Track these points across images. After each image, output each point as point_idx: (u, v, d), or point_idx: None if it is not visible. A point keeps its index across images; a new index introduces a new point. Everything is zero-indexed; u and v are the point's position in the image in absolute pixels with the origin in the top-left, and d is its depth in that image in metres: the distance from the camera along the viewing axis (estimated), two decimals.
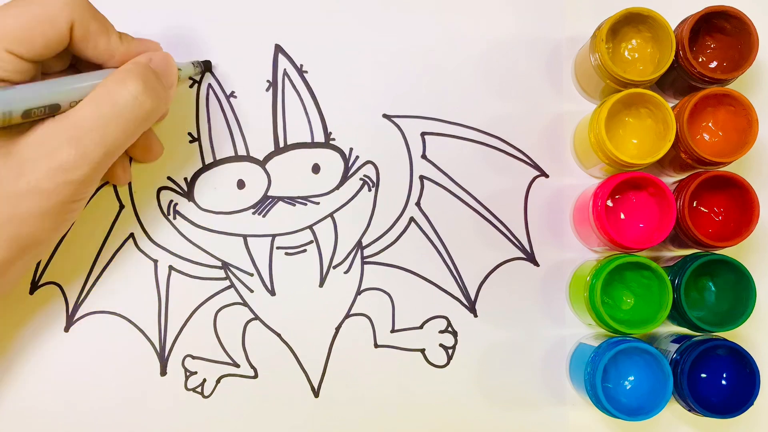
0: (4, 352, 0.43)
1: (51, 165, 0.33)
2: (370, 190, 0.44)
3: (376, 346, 0.43)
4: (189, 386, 0.43)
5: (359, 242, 0.43)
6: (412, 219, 0.44)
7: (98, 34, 0.35)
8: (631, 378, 0.39)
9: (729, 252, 0.40)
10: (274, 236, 0.43)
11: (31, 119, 0.33)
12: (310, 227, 0.43)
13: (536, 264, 0.43)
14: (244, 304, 0.43)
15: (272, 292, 0.43)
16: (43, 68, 0.36)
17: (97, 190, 0.44)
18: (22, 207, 0.33)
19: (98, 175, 0.35)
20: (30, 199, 0.33)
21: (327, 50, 0.44)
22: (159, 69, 0.37)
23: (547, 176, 0.44)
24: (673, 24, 0.39)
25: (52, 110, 0.34)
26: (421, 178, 0.44)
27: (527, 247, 0.44)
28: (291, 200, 0.43)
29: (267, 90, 0.44)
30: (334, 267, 0.43)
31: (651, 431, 0.43)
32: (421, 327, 0.43)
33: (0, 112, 0.32)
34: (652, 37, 0.40)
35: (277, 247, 0.43)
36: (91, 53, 0.36)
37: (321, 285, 0.43)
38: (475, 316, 0.43)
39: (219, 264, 0.43)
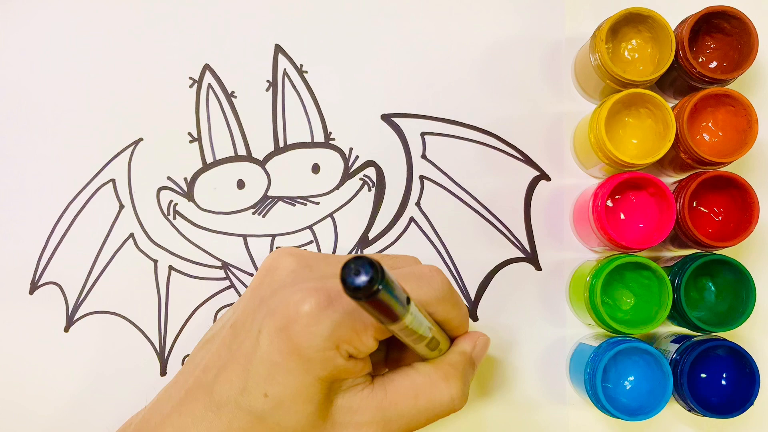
0: (4, 352, 0.43)
1: None
2: (370, 190, 0.44)
3: None
4: None
5: (359, 242, 0.43)
6: (412, 219, 0.44)
7: (447, 319, 0.34)
8: (631, 378, 0.39)
9: (729, 252, 0.40)
10: (274, 236, 0.43)
11: (424, 349, 0.32)
12: (310, 227, 0.43)
13: (536, 264, 0.43)
14: None
15: None
16: None
17: (96, 191, 0.44)
18: None
19: None
20: None
21: (327, 50, 0.44)
22: (477, 358, 0.36)
23: (549, 179, 0.44)
24: (673, 24, 0.39)
25: (435, 347, 0.33)
26: (421, 178, 0.44)
27: (527, 247, 0.44)
28: (291, 200, 0.43)
29: (267, 90, 0.44)
30: None
31: (651, 431, 0.43)
32: None
33: (429, 328, 0.31)
34: (652, 37, 0.40)
35: (277, 247, 0.43)
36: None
37: None
38: (475, 316, 0.43)
39: (219, 264, 0.43)
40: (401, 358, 0.36)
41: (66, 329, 0.43)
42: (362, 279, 0.23)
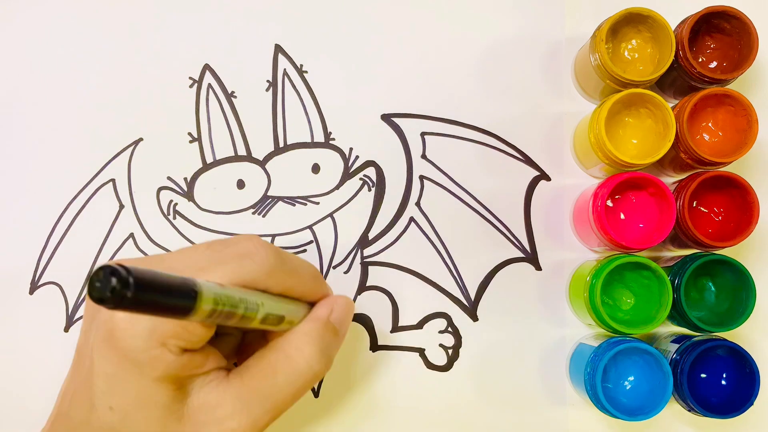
0: (4, 352, 0.43)
1: (221, 431, 0.31)
2: (369, 190, 0.44)
3: (376, 346, 0.43)
4: None
5: (359, 242, 0.43)
6: (412, 219, 0.44)
7: (287, 289, 0.33)
8: (631, 378, 0.39)
9: (729, 252, 0.40)
10: (274, 236, 0.43)
11: (262, 326, 0.31)
12: (310, 227, 0.43)
13: (536, 264, 0.43)
14: None
15: None
16: None
17: (96, 191, 0.44)
18: None
19: None
20: None
21: (327, 50, 0.44)
22: (338, 321, 0.35)
23: (549, 179, 0.44)
24: (673, 24, 0.39)
25: (279, 321, 0.32)
26: (421, 178, 0.44)
27: (527, 247, 0.44)
28: (291, 200, 0.43)
29: (267, 90, 0.44)
30: (334, 267, 0.43)
31: (651, 431, 0.43)
32: (420, 327, 0.43)
33: (255, 305, 0.30)
34: (652, 37, 0.40)
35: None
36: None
37: None
38: (475, 316, 0.43)
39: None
40: (259, 339, 0.35)
41: (66, 329, 0.43)
42: (104, 290, 0.22)
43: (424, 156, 0.44)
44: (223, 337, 0.36)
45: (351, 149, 0.44)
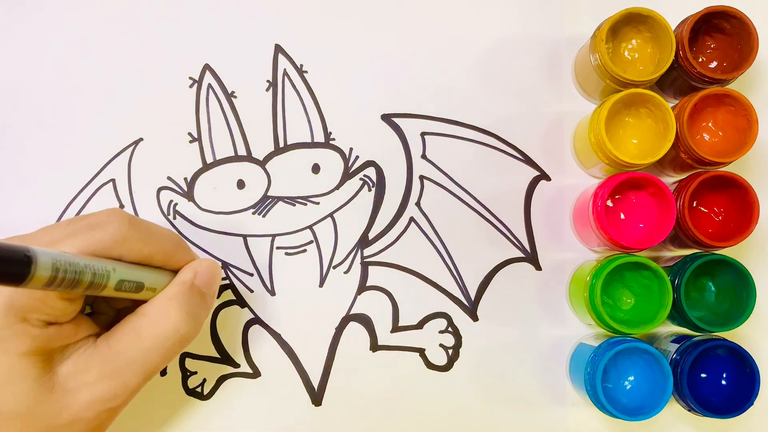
0: None
1: (92, 396, 0.32)
2: (370, 190, 0.44)
3: (376, 346, 0.43)
4: (189, 386, 0.43)
5: (359, 242, 0.43)
6: (412, 219, 0.44)
7: (145, 257, 0.34)
8: (631, 378, 0.39)
9: (729, 252, 0.40)
10: (274, 236, 0.43)
11: (119, 293, 0.32)
12: (310, 227, 0.43)
13: (536, 264, 0.43)
14: (244, 304, 0.43)
15: (272, 292, 0.43)
16: None
17: (96, 191, 0.44)
18: None
19: (133, 398, 0.34)
20: (70, 429, 0.32)
21: (327, 50, 0.44)
22: (203, 284, 0.36)
23: (549, 179, 0.44)
24: (673, 24, 0.39)
25: (138, 288, 0.33)
26: (421, 178, 0.44)
27: (527, 247, 0.44)
28: (291, 200, 0.43)
29: (267, 90, 0.44)
30: (334, 267, 0.43)
31: (651, 431, 0.43)
32: (420, 327, 0.43)
33: (105, 271, 0.30)
34: (652, 37, 0.40)
35: (277, 247, 0.43)
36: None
37: (321, 285, 0.43)
38: (475, 316, 0.43)
39: (219, 264, 0.43)
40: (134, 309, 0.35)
41: None
42: None
43: (424, 156, 0.44)
44: (98, 316, 0.37)
45: (351, 149, 0.44)
